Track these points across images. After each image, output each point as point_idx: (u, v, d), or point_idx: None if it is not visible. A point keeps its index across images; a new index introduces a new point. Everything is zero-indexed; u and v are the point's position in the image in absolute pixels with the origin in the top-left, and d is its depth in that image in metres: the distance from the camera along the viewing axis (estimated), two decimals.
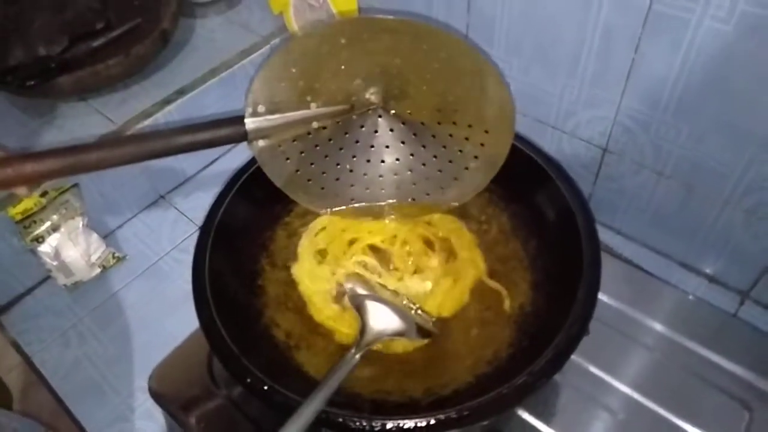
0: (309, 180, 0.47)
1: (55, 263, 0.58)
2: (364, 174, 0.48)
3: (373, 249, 0.50)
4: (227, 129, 0.41)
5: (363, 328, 0.42)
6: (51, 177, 0.42)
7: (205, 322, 0.39)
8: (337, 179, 0.48)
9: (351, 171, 0.47)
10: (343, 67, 0.42)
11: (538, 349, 0.38)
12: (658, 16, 0.44)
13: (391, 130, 0.46)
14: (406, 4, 0.61)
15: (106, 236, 0.64)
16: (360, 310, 0.44)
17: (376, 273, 0.48)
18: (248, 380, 0.36)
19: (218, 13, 0.78)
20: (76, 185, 0.60)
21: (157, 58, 0.68)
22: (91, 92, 0.66)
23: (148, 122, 0.63)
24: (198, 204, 0.66)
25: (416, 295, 0.47)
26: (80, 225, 0.59)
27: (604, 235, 0.60)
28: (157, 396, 0.47)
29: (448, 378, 0.41)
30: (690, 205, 0.53)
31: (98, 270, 0.60)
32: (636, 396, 0.45)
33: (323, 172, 0.47)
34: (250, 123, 0.41)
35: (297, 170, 0.45)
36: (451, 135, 0.46)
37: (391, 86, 0.44)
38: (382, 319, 0.43)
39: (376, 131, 0.46)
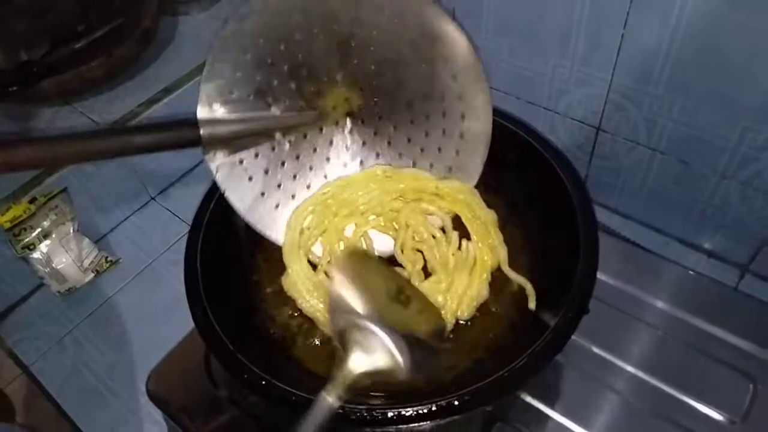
0: (277, 206, 0.42)
1: (47, 270, 0.57)
2: None
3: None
4: (178, 131, 0.36)
5: (342, 361, 0.32)
6: None
7: (200, 320, 0.38)
8: None
9: None
10: (300, 56, 0.38)
11: (538, 332, 0.38)
12: None
13: (364, 143, 0.45)
14: None
15: (98, 240, 0.63)
16: (343, 338, 0.33)
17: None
18: (246, 376, 0.36)
19: (201, 9, 0.77)
20: (64, 190, 0.59)
21: (141, 58, 0.67)
22: (75, 95, 0.65)
23: (134, 123, 0.63)
24: (190, 204, 0.64)
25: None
26: (71, 230, 0.59)
27: (602, 215, 0.59)
28: (155, 398, 0.46)
29: (448, 364, 0.40)
30: (686, 180, 0.52)
31: (92, 275, 0.59)
32: (640, 374, 0.45)
33: (293, 196, 0.43)
34: (204, 122, 0.36)
35: (262, 193, 0.41)
36: (426, 134, 0.44)
37: (357, 75, 0.40)
38: (369, 353, 0.32)
39: (347, 147, 0.44)
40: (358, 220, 0.45)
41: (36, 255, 0.56)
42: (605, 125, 0.54)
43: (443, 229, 0.46)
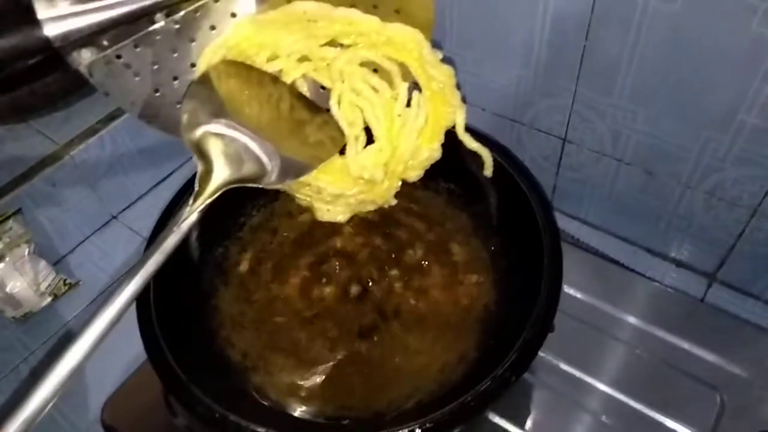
0: (178, 103, 0.34)
1: (0, 295, 0.55)
2: None
3: None
4: (15, 36, 0.28)
5: (205, 171, 0.30)
6: None
7: (152, 348, 0.37)
8: None
9: None
10: None
11: (503, 351, 0.37)
12: (606, 1, 0.43)
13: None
14: None
15: (57, 262, 0.61)
16: (202, 146, 0.30)
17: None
18: (198, 409, 0.34)
19: None
20: (19, 211, 0.56)
21: None
22: (30, 113, 0.62)
23: (93, 140, 0.61)
24: (152, 222, 0.64)
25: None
26: (26, 252, 0.56)
27: (570, 226, 0.59)
28: (109, 429, 0.44)
29: (412, 388, 0.39)
30: (651, 190, 0.52)
31: (49, 299, 0.57)
32: (609, 391, 0.44)
33: None
34: (49, 20, 0.27)
35: (156, 90, 0.33)
36: None
37: None
38: (234, 160, 0.29)
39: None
40: (285, 64, 0.35)
41: None
42: (571, 136, 0.54)
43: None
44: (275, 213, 0.51)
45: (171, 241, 0.29)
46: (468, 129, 0.50)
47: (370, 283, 0.44)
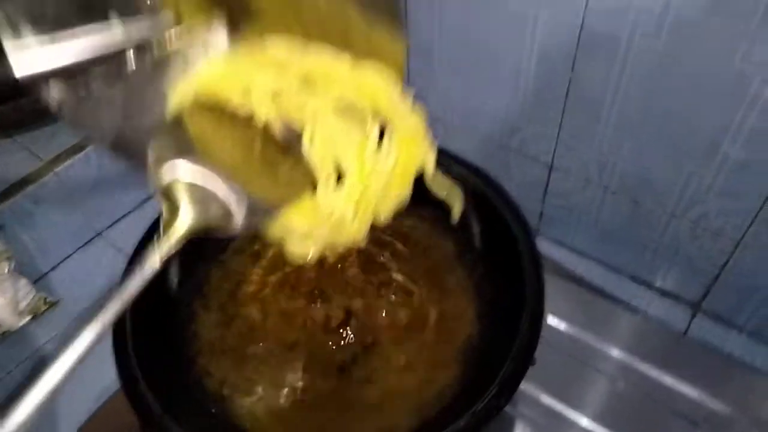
0: (148, 138, 0.32)
1: None
2: None
3: None
4: None
5: (170, 216, 0.29)
6: None
7: (126, 380, 0.36)
8: None
9: None
10: None
11: (483, 385, 0.36)
12: (591, 34, 0.43)
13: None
14: None
15: (38, 280, 0.60)
16: (170, 192, 0.29)
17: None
18: None
19: None
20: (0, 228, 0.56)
21: None
22: (16, 128, 0.62)
23: (79, 156, 0.60)
24: (136, 239, 0.63)
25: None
26: (6, 270, 0.55)
27: (557, 253, 0.59)
28: None
29: (391, 422, 0.38)
30: (637, 219, 0.52)
31: (27, 318, 0.56)
32: (590, 425, 0.44)
33: None
34: (14, 53, 0.25)
35: (125, 125, 0.32)
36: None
37: None
38: (200, 205, 0.29)
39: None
40: (258, 102, 0.35)
41: None
42: (557, 163, 0.54)
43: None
44: (258, 236, 0.50)
45: (132, 287, 0.28)
46: (450, 156, 0.50)
47: (352, 312, 0.44)
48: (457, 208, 0.39)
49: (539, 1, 0.44)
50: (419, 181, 0.39)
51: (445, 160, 0.47)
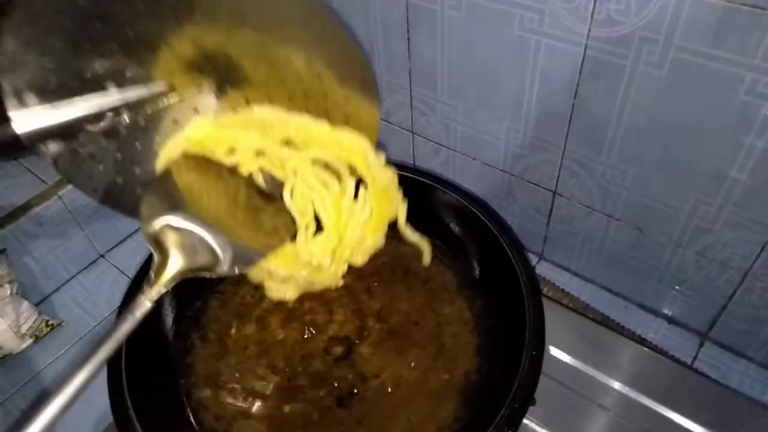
0: (140, 189, 0.34)
1: None
2: None
3: None
4: None
5: (161, 262, 0.31)
6: None
7: (118, 413, 0.36)
8: None
9: None
10: (128, 28, 0.31)
11: (482, 424, 0.36)
12: (594, 62, 0.43)
13: (236, 109, 0.37)
14: None
15: (41, 302, 0.60)
16: (159, 239, 0.31)
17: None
18: None
19: None
20: (2, 251, 0.56)
21: None
22: (21, 151, 0.62)
23: None
24: (140, 261, 0.63)
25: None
26: (8, 293, 0.55)
27: (561, 278, 0.58)
28: None
29: None
30: (643, 246, 0.51)
31: (29, 341, 0.56)
32: None
33: None
34: (19, 118, 0.28)
35: (117, 181, 0.34)
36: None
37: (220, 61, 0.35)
38: (188, 251, 0.31)
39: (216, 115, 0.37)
40: (242, 157, 0.38)
41: None
42: (561, 189, 0.53)
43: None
44: None
45: (124, 329, 0.30)
46: (450, 184, 0.50)
47: (351, 345, 0.43)
48: (426, 256, 0.42)
49: (542, 29, 0.44)
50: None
51: (445, 189, 0.47)
